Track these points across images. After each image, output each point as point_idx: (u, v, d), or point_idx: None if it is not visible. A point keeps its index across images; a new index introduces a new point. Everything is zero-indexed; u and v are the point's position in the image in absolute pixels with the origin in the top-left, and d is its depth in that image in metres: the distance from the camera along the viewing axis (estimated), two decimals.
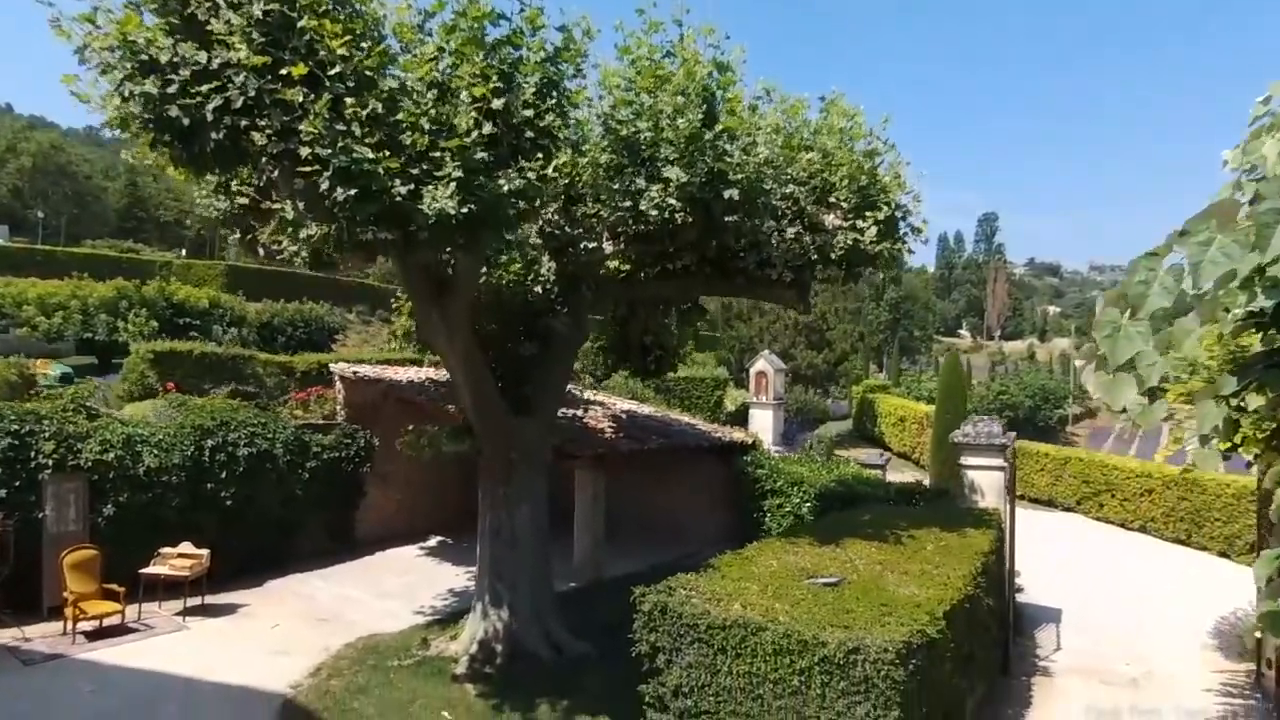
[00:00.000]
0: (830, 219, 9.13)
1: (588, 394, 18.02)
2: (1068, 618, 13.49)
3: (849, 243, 8.79)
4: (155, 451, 11.99)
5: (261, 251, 11.86)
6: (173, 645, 10.21)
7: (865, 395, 30.83)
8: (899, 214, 9.02)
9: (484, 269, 9.05)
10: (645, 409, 17.98)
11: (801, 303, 9.94)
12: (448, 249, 6.80)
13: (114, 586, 10.59)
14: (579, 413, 15.19)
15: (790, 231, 9.07)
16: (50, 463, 11.03)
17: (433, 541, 16.06)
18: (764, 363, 23.76)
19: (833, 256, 8.98)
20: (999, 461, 12.04)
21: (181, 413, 13.16)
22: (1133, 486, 20.00)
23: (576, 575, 13.52)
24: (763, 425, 23.37)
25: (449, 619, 11.23)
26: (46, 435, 11.13)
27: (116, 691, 8.85)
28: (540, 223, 9.25)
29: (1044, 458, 22.70)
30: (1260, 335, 3.62)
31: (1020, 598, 14.04)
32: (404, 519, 16.41)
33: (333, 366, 16.01)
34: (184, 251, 58.49)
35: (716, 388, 24.20)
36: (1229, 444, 8.55)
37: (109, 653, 9.87)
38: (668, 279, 10.11)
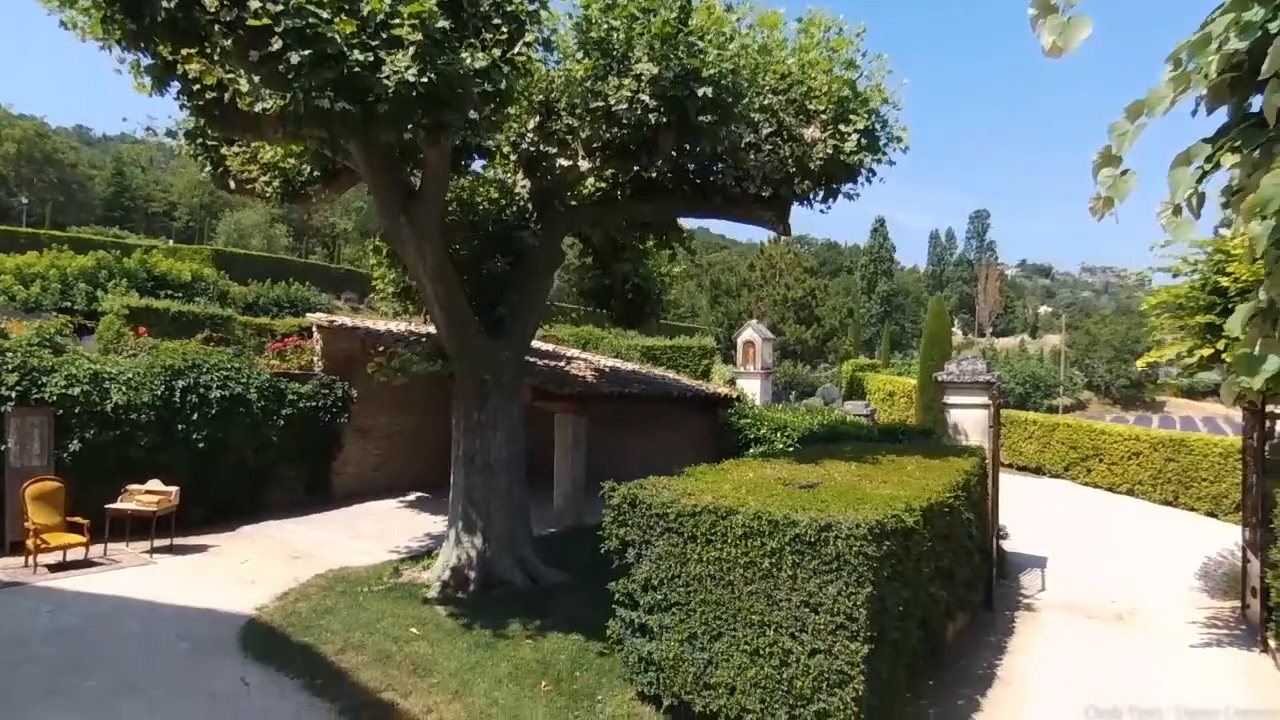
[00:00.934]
0: (809, 131, 8.95)
1: (572, 352, 17.82)
2: (1053, 565, 13.36)
3: (828, 152, 8.61)
4: (123, 389, 11.72)
5: (233, 184, 11.64)
6: (136, 577, 9.95)
7: (854, 373, 30.73)
8: (878, 124, 8.84)
9: (453, 176, 8.82)
10: (630, 365, 17.78)
11: (781, 223, 9.75)
12: (409, 127, 6.56)
13: (79, 519, 10.33)
14: (562, 364, 14.99)
15: (767, 146, 8.90)
16: (13, 395, 10.77)
17: (412, 496, 15.80)
18: (751, 331, 23.56)
19: (811, 168, 8.79)
20: (983, 399, 11.89)
21: (152, 354, 12.88)
22: (1120, 450, 19.90)
23: (556, 521, 13.32)
24: (750, 394, 23.17)
25: (423, 555, 11.00)
26: (10, 367, 10.87)
27: (76, 611, 8.59)
28: (514, 136, 9.04)
29: (1032, 425, 22.59)
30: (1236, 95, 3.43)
31: (1006, 546, 13.90)
32: (383, 474, 16.17)
33: (311, 316, 15.76)
34: (171, 241, 58.01)
35: (704, 357, 24.00)
36: (1210, 351, 8.41)
37: (71, 581, 9.60)
38: (644, 199, 9.92)
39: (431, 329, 12.06)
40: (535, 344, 15.65)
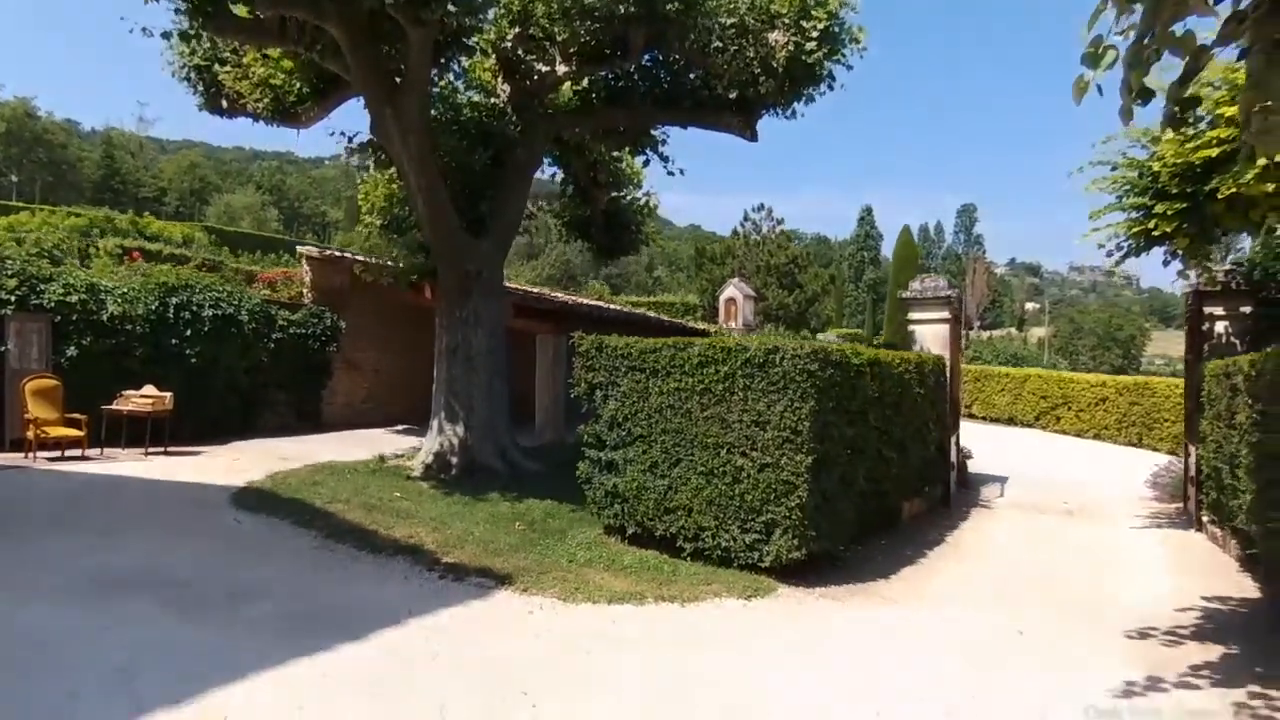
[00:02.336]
0: (773, 35, 9.47)
1: (557, 294, 18.33)
2: (1014, 483, 13.94)
3: (790, 50, 9.14)
4: (119, 301, 12.14)
5: (225, 104, 12.09)
6: (133, 468, 10.38)
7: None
8: (837, 26, 9.38)
9: (436, 74, 9.32)
10: (614, 306, 18.32)
11: (748, 128, 10.28)
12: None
13: (77, 416, 10.77)
14: (545, 299, 15.50)
15: (733, 47, 9.41)
16: (13, 299, 11.17)
17: (400, 428, 16.26)
18: (733, 289, 24.13)
19: (775, 68, 9.32)
20: (944, 314, 12.44)
21: (146, 275, 13.31)
22: (1088, 397, 20.55)
23: (537, 438, 13.82)
24: None
25: (408, 455, 11.48)
26: (9, 273, 11.27)
27: (77, 481, 9.07)
28: (494, 38, 9.54)
29: (1004, 378, 23.23)
30: None
31: (971, 468, 14.51)
32: (371, 407, 16.62)
33: (301, 248, 16.20)
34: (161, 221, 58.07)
35: (686, 312, 24.51)
36: (1142, 233, 9.02)
37: (70, 466, 10.05)
38: (618, 105, 10.43)
39: None
40: (523, 288, 16.17)
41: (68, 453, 10.73)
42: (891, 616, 6.02)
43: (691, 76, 10.09)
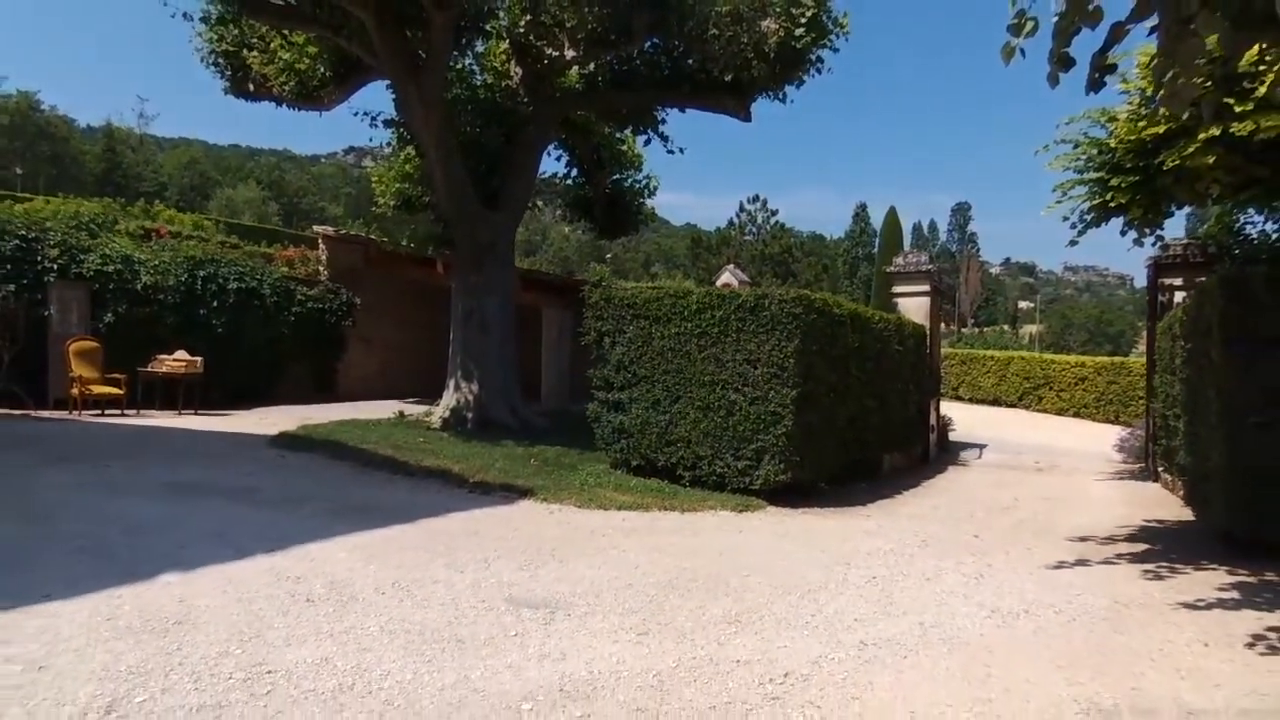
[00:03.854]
0: (765, 23, 10.31)
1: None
2: (993, 448, 14.82)
3: (781, 36, 9.98)
4: (152, 272, 12.95)
5: (251, 88, 12.89)
6: (171, 422, 11.20)
7: None
8: (824, 13, 10.22)
9: (455, 55, 10.13)
10: None
11: (743, 110, 11.12)
12: None
13: (116, 376, 11.56)
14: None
15: (728, 33, 10.25)
16: (55, 268, 11.96)
17: (411, 399, 17.06)
18: (728, 275, 24.92)
19: (767, 53, 10.15)
20: (925, 287, 13.32)
21: (174, 250, 14.10)
22: (1068, 376, 21.46)
23: (543, 407, 14.64)
24: None
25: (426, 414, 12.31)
26: (52, 244, 12.07)
27: (128, 430, 9.87)
28: (508, 22, 10.36)
29: (989, 360, 24.13)
30: None
31: (952, 436, 15.36)
32: (385, 382, 17.41)
33: (316, 228, 16.99)
34: None
35: None
36: (1100, 205, 9.91)
37: (115, 420, 10.86)
38: (622, 89, 11.26)
39: None
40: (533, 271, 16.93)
41: (108, 411, 11.53)
42: (866, 524, 6.87)
43: (690, 61, 10.90)
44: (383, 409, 14.23)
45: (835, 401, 8.22)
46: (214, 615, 3.59)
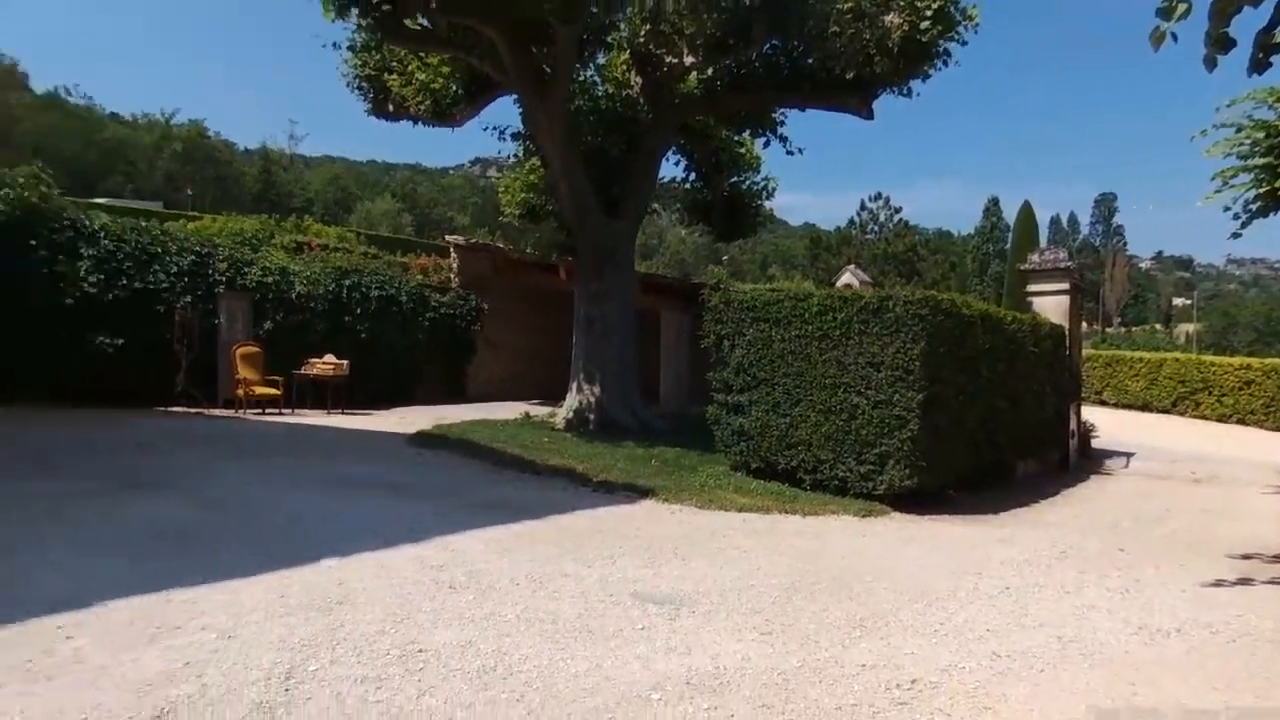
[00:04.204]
0: (889, 18, 10.08)
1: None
2: (1143, 455, 13.80)
3: (905, 31, 9.72)
4: (304, 282, 14.09)
5: (391, 108, 13.78)
6: (323, 420, 12.15)
7: None
8: (950, 6, 9.87)
9: (578, 67, 10.48)
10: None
11: (865, 107, 10.91)
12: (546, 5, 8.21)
13: (275, 378, 12.65)
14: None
15: (849, 30, 10.09)
16: (223, 280, 13.23)
17: (535, 401, 17.70)
18: (849, 275, 24.32)
19: (890, 48, 9.92)
20: (1063, 285, 12.57)
21: (323, 261, 15.28)
22: (1232, 380, 19.63)
23: (662, 410, 14.84)
24: None
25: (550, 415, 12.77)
26: (220, 258, 13.36)
27: (286, 427, 10.81)
28: (627, 34, 10.62)
29: (1138, 362, 22.41)
30: None
31: (1095, 443, 14.41)
32: (511, 384, 18.15)
33: (449, 238, 17.93)
34: None
35: None
36: (1270, 194, 9.08)
37: (274, 418, 11.90)
38: (740, 92, 11.29)
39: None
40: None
41: (268, 410, 12.63)
42: (998, 532, 6.61)
43: (810, 60, 10.80)
44: (509, 410, 14.85)
45: (964, 405, 7.94)
46: (369, 597, 3.93)
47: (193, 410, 11.87)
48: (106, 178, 63.68)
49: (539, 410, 14.72)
